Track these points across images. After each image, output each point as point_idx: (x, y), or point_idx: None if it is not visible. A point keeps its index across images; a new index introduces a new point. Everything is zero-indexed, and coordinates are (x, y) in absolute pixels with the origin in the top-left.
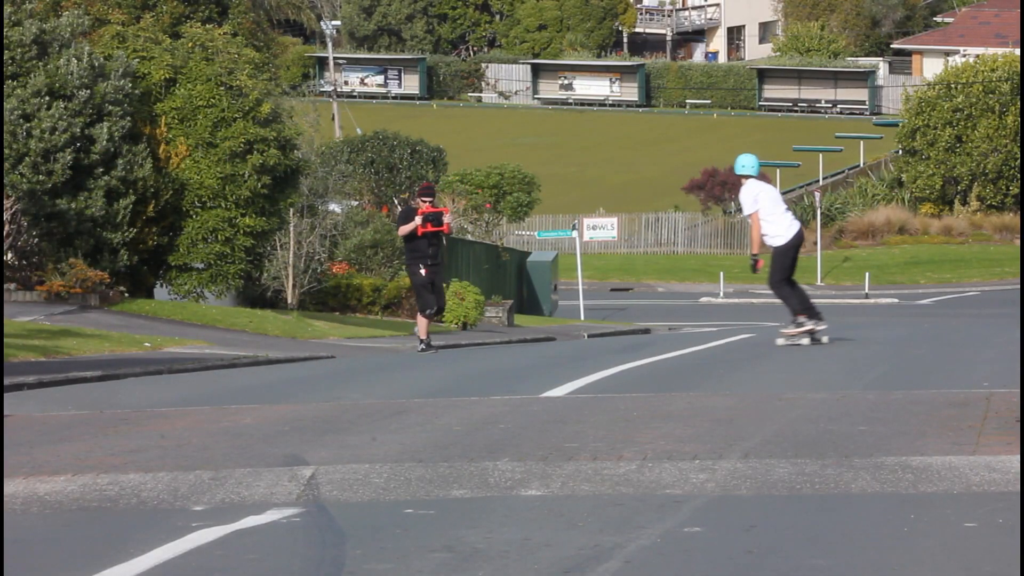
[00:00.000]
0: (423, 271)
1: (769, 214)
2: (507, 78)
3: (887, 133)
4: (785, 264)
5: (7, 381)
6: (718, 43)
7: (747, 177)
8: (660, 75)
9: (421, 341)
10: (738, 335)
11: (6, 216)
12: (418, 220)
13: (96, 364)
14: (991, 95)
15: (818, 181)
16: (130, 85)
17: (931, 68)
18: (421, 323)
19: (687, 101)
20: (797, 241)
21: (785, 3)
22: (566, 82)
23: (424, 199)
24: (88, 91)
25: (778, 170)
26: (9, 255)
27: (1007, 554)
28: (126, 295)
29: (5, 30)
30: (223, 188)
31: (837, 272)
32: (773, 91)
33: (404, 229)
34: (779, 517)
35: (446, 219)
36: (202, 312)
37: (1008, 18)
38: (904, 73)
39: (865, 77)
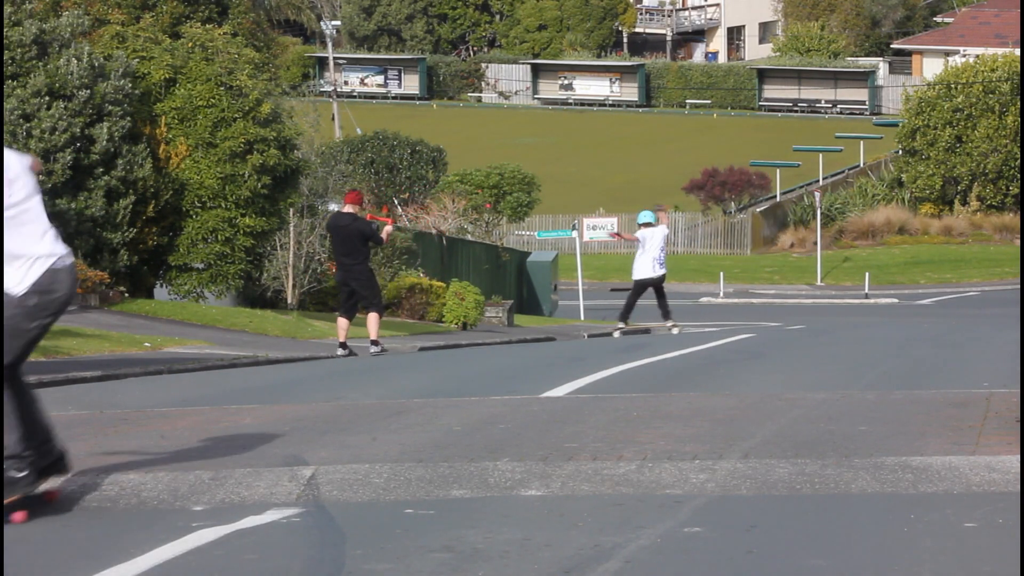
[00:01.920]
0: None
1: (650, 251)
2: (507, 78)
3: (887, 133)
4: (640, 292)
5: None
6: (718, 43)
7: (648, 224)
8: (660, 75)
9: (345, 346)
10: (738, 335)
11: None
12: (390, 228)
13: (96, 364)
14: (991, 95)
15: (818, 181)
16: (130, 85)
17: (931, 68)
18: (344, 325)
19: (687, 101)
20: (658, 281)
21: (785, 3)
22: (566, 82)
23: (358, 206)
24: (88, 91)
25: (778, 170)
26: None
27: (1007, 554)
28: (126, 295)
29: (5, 30)
30: (223, 188)
31: (837, 272)
32: (773, 91)
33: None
34: (779, 517)
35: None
36: (202, 312)
37: (1008, 18)
38: (904, 73)
39: (865, 77)
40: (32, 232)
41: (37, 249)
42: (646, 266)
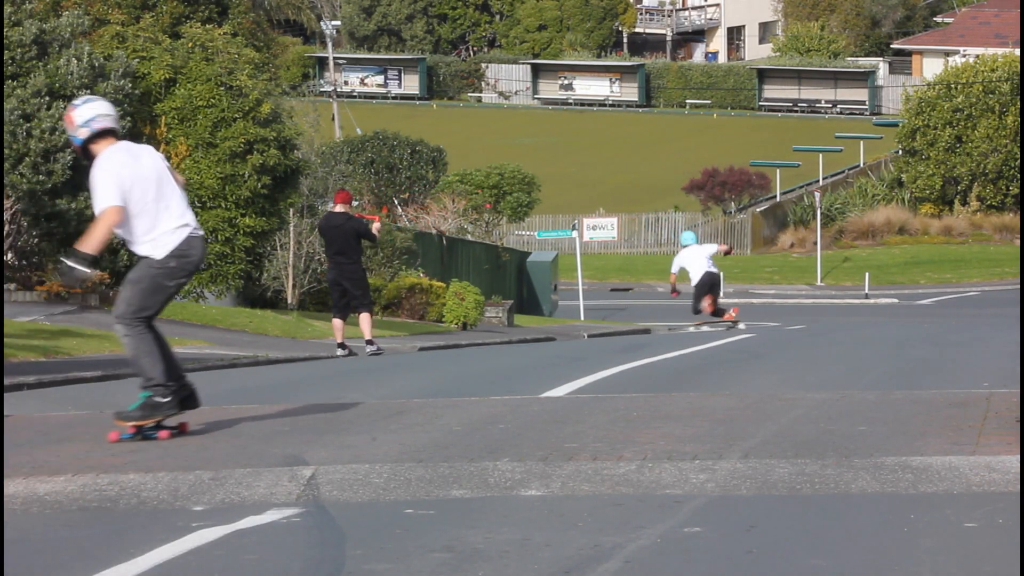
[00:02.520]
0: None
1: (691, 267)
2: (507, 78)
3: (887, 133)
4: (701, 293)
5: (7, 381)
6: (718, 43)
7: (686, 246)
8: (660, 75)
9: (345, 346)
10: (738, 335)
11: (6, 216)
12: (378, 224)
13: (96, 364)
14: (991, 95)
15: (818, 181)
16: (130, 85)
17: (931, 68)
18: (339, 326)
19: (687, 101)
20: (707, 279)
21: (785, 3)
22: (566, 82)
23: (348, 205)
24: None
25: (778, 170)
26: (9, 255)
27: (1007, 554)
28: None
29: (5, 30)
30: (223, 188)
31: (837, 272)
32: (773, 91)
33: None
34: (779, 517)
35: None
36: (202, 312)
37: (1008, 18)
38: (904, 73)
39: (865, 77)
40: (174, 207)
41: (178, 220)
42: (700, 269)
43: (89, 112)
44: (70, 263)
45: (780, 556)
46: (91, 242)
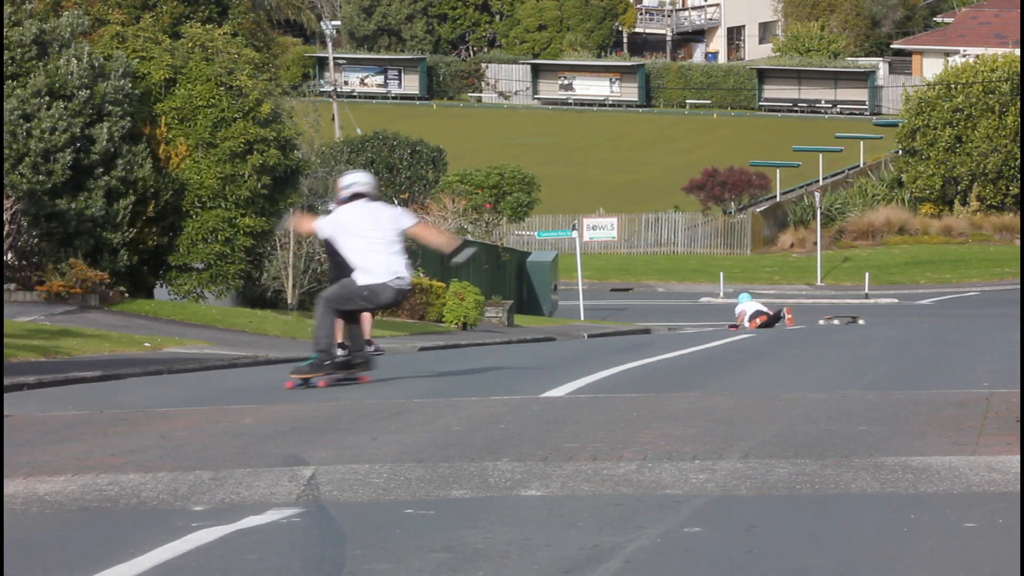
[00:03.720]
0: None
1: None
2: (507, 78)
3: (887, 133)
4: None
5: (7, 381)
6: (718, 43)
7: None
8: (660, 75)
9: (345, 346)
10: (738, 335)
11: (6, 216)
12: None
13: (96, 364)
14: (991, 95)
15: (818, 181)
16: (130, 85)
17: (931, 68)
18: (339, 325)
19: (687, 101)
20: (771, 319)
21: (785, 3)
22: (566, 82)
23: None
24: (88, 91)
25: (778, 170)
26: (9, 255)
27: (1007, 554)
28: (126, 295)
29: (5, 30)
30: (223, 188)
31: (837, 272)
32: (773, 91)
33: None
34: (779, 517)
35: None
36: (202, 312)
37: (1008, 18)
38: (904, 73)
39: (865, 77)
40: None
41: (385, 268)
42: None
43: (350, 180)
44: (287, 217)
45: (780, 556)
46: (299, 221)
